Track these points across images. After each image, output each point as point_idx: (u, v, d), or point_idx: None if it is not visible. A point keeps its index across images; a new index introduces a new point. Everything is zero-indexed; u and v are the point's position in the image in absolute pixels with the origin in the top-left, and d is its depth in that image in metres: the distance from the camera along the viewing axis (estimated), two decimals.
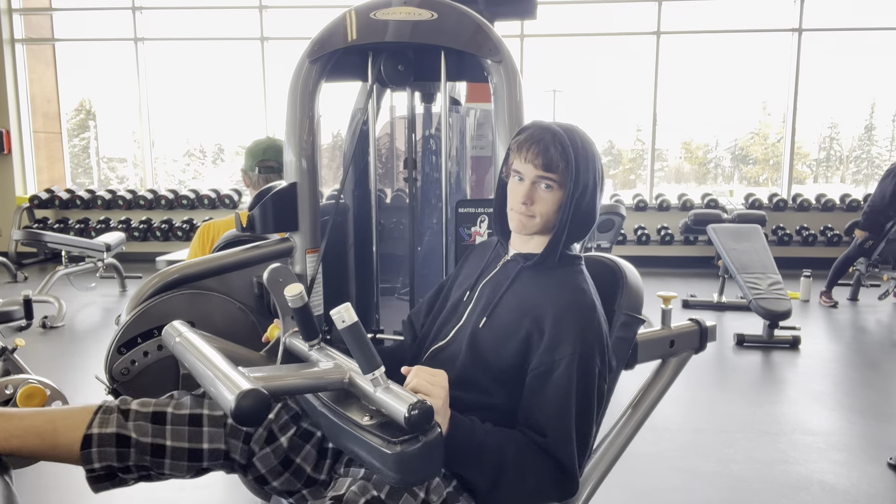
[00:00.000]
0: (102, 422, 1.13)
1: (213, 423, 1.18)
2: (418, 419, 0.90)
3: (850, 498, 2.24)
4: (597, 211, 1.23)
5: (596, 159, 1.21)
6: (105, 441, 1.12)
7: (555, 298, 1.17)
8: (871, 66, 9.60)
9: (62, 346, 4.15)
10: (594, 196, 1.21)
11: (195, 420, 1.18)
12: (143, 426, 1.15)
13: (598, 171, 1.21)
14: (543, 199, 1.18)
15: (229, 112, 9.87)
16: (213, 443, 1.18)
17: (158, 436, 1.15)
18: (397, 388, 0.96)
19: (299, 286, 1.12)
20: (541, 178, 1.17)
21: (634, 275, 1.38)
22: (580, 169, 1.16)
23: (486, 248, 1.38)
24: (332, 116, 2.00)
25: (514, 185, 1.21)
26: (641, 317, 1.35)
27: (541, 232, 1.22)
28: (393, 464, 0.91)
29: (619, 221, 5.60)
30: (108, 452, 1.12)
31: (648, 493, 2.28)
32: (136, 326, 1.48)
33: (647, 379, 1.56)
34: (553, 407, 1.10)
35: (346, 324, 0.95)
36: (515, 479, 1.07)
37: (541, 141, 1.17)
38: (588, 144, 1.20)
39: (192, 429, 1.17)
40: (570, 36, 8.09)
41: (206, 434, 1.18)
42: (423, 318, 1.42)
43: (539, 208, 1.19)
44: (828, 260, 5.80)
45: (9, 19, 7.85)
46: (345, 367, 1.06)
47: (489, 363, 1.17)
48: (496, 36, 1.60)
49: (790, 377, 3.62)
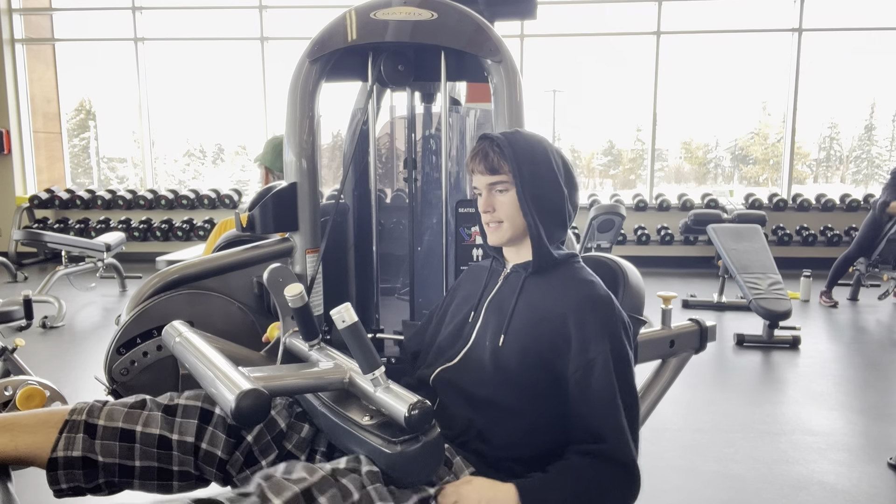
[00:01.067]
0: (68, 443, 1.10)
1: (183, 450, 1.15)
2: (418, 419, 0.90)
3: (850, 498, 2.24)
4: (560, 195, 1.23)
5: (543, 148, 1.22)
6: (71, 464, 1.10)
7: (567, 299, 1.17)
8: (871, 66, 9.61)
9: (62, 346, 4.15)
10: (551, 181, 1.21)
11: (164, 443, 1.14)
12: (111, 446, 1.12)
13: (549, 158, 1.22)
14: (502, 202, 1.21)
15: (229, 112, 9.88)
16: (182, 466, 1.15)
17: (126, 457, 1.12)
18: (397, 388, 0.96)
19: (299, 286, 1.12)
20: (492, 184, 1.21)
21: (635, 275, 1.38)
22: (522, 161, 1.19)
23: (480, 270, 1.38)
24: (332, 116, 2.00)
25: (479, 201, 1.25)
26: (642, 317, 1.35)
27: (518, 236, 1.23)
28: (393, 463, 0.91)
29: (619, 221, 5.60)
30: (75, 474, 1.10)
31: (648, 493, 2.27)
32: (135, 327, 1.47)
33: (647, 379, 1.56)
34: (602, 408, 1.10)
35: (347, 324, 0.95)
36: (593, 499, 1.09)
37: (481, 150, 1.22)
38: (529, 138, 1.23)
39: (161, 451, 1.14)
40: (571, 36, 8.08)
41: (176, 458, 1.15)
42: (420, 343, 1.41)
43: (501, 213, 1.22)
44: (828, 260, 5.80)
45: (9, 19, 7.85)
46: (345, 366, 1.06)
47: (519, 380, 1.16)
48: (496, 36, 1.60)
49: (790, 377, 3.62)
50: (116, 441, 1.12)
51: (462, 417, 1.17)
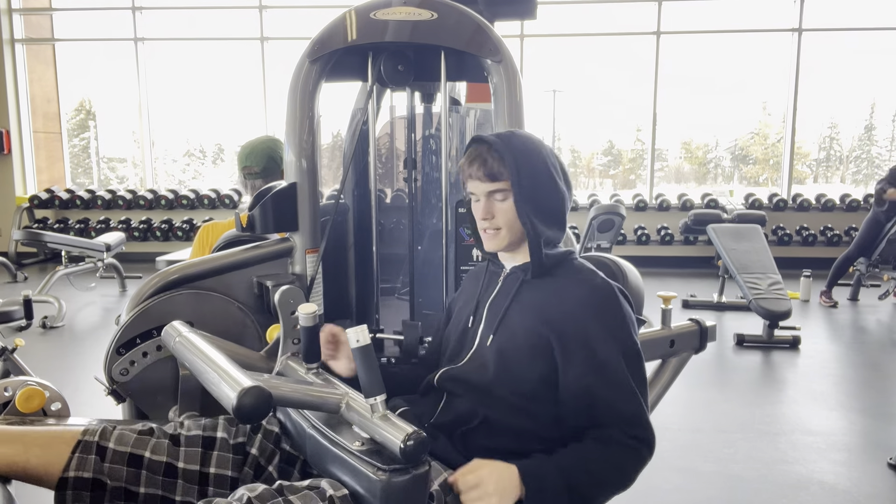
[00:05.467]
0: (80, 464, 1.11)
1: (188, 479, 1.15)
2: (413, 450, 0.89)
3: (850, 498, 2.24)
4: (559, 196, 1.21)
5: (540, 151, 1.21)
6: (80, 485, 1.10)
7: (566, 299, 1.16)
8: (871, 66, 9.61)
9: (62, 346, 4.15)
10: (549, 183, 1.20)
11: (170, 471, 1.15)
12: (118, 470, 1.12)
13: (546, 160, 1.20)
14: (501, 210, 1.19)
15: (229, 112, 9.89)
16: (185, 496, 1.16)
17: (132, 482, 1.13)
18: (394, 418, 0.95)
19: (313, 305, 1.12)
20: (491, 191, 1.19)
21: (635, 275, 1.38)
22: (521, 166, 1.17)
23: (479, 273, 1.37)
24: (332, 116, 2.00)
25: (475, 206, 1.23)
26: (642, 317, 1.35)
27: (516, 242, 1.22)
28: (378, 491, 0.90)
29: (619, 221, 5.60)
30: (83, 496, 1.11)
31: (648, 493, 2.28)
32: (134, 327, 1.47)
33: (647, 379, 1.56)
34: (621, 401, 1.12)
35: (360, 344, 0.96)
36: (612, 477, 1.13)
37: (479, 156, 1.19)
38: (526, 140, 1.21)
39: (166, 479, 1.15)
40: (570, 36, 8.09)
41: (180, 486, 1.15)
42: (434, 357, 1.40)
43: (500, 220, 1.20)
44: (828, 260, 5.80)
45: (9, 19, 7.85)
46: (342, 390, 1.06)
47: (520, 379, 1.16)
48: (496, 36, 1.60)
49: (790, 377, 3.62)
50: (124, 466, 1.13)
51: (466, 407, 1.18)
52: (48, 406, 1.35)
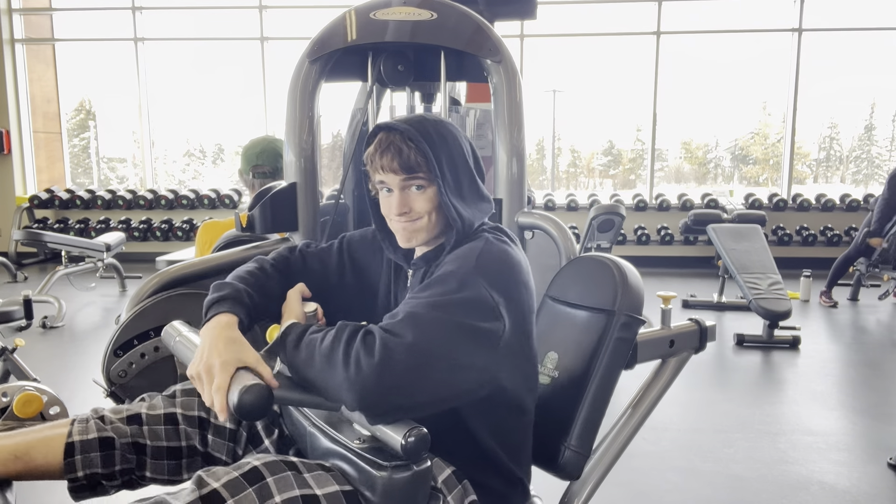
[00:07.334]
0: (81, 430, 1.12)
1: (189, 423, 1.18)
2: (414, 446, 0.89)
3: (850, 498, 2.24)
4: (476, 178, 1.14)
5: (455, 136, 1.12)
6: (88, 447, 1.10)
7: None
8: (871, 66, 9.61)
9: (62, 347, 4.15)
10: (467, 166, 1.13)
11: (170, 419, 1.18)
12: (122, 428, 1.14)
13: (461, 144, 1.13)
14: (419, 200, 1.10)
15: (229, 112, 9.88)
16: (189, 440, 1.18)
17: (138, 436, 1.15)
18: None
19: (313, 305, 1.14)
20: (407, 181, 1.09)
21: (634, 275, 1.38)
22: (441, 155, 1.08)
23: (375, 252, 1.26)
24: (332, 116, 2.00)
25: (385, 198, 1.13)
26: (641, 317, 1.34)
27: (436, 235, 1.14)
28: (380, 488, 0.91)
29: (619, 221, 5.59)
30: (92, 458, 1.11)
31: (648, 493, 2.28)
32: (132, 328, 1.47)
33: (647, 379, 1.56)
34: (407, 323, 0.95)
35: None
36: None
37: (391, 144, 1.08)
38: (440, 126, 1.11)
39: (168, 427, 1.17)
40: (570, 36, 8.08)
41: (183, 432, 1.18)
42: None
43: (418, 210, 1.10)
44: (828, 260, 5.80)
45: (9, 19, 7.84)
46: None
47: None
48: (496, 36, 1.60)
49: (790, 377, 3.62)
50: (125, 425, 1.15)
51: None
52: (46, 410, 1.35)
